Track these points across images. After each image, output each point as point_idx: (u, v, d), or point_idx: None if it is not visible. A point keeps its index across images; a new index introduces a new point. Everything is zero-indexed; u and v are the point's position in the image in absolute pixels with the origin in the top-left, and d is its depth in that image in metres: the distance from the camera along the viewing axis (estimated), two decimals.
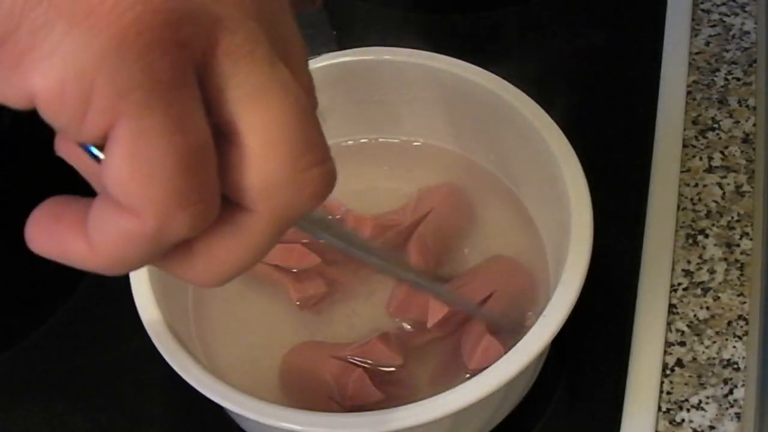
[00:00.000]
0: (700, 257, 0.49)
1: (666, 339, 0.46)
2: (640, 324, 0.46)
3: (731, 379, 0.45)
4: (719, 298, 0.48)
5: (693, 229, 0.50)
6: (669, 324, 0.47)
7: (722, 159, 0.53)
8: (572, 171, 0.42)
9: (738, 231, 0.50)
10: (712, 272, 0.49)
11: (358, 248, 0.36)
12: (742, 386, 0.44)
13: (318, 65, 0.47)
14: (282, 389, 0.42)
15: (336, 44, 0.61)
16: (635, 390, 0.44)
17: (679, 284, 0.48)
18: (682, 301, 0.48)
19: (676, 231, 0.50)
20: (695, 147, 0.54)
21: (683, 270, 0.49)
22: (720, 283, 0.48)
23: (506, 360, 0.36)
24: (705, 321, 0.47)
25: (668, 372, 0.45)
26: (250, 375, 0.43)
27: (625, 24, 0.62)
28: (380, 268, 0.38)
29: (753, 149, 0.54)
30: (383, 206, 0.48)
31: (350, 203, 0.47)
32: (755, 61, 0.58)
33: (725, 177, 0.52)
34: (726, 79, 0.57)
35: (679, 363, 0.45)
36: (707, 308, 0.47)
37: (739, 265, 0.49)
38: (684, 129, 0.55)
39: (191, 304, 0.44)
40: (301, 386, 0.42)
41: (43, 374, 0.48)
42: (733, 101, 0.56)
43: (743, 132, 0.55)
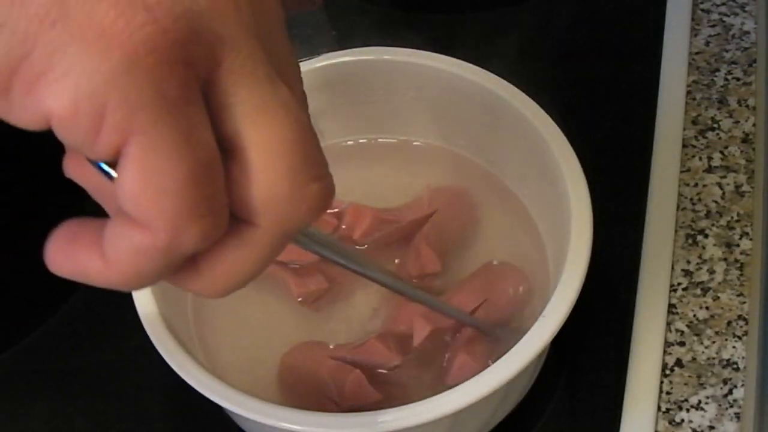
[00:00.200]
0: (700, 257, 0.49)
1: (666, 339, 0.46)
2: (640, 324, 0.46)
3: (731, 379, 0.45)
4: (719, 298, 0.48)
5: (693, 229, 0.50)
6: (669, 324, 0.47)
7: (722, 159, 0.53)
8: (572, 171, 0.42)
9: (738, 231, 0.50)
10: (712, 272, 0.49)
11: (353, 261, 0.37)
12: (742, 386, 0.44)
13: (318, 65, 0.47)
14: (281, 389, 0.42)
15: (336, 44, 0.61)
16: (635, 390, 0.44)
17: (679, 284, 0.48)
18: (682, 301, 0.48)
19: (676, 231, 0.50)
20: (695, 147, 0.54)
21: (683, 270, 0.49)
22: (720, 283, 0.48)
23: (506, 360, 0.36)
24: (705, 321, 0.47)
25: (668, 372, 0.45)
26: (250, 375, 0.43)
27: (625, 24, 0.62)
28: (373, 279, 0.39)
29: (753, 149, 0.54)
30: (382, 206, 0.48)
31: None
32: (755, 61, 0.58)
33: (725, 177, 0.52)
34: (726, 79, 0.57)
35: (679, 363, 0.45)
36: (707, 308, 0.47)
37: (739, 265, 0.49)
38: (684, 129, 0.55)
39: (191, 304, 0.44)
40: (300, 386, 0.42)
41: (43, 374, 0.48)
42: (733, 101, 0.56)
43: (743, 132, 0.55)
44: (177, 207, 0.21)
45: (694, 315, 0.47)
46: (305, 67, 0.47)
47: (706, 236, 0.50)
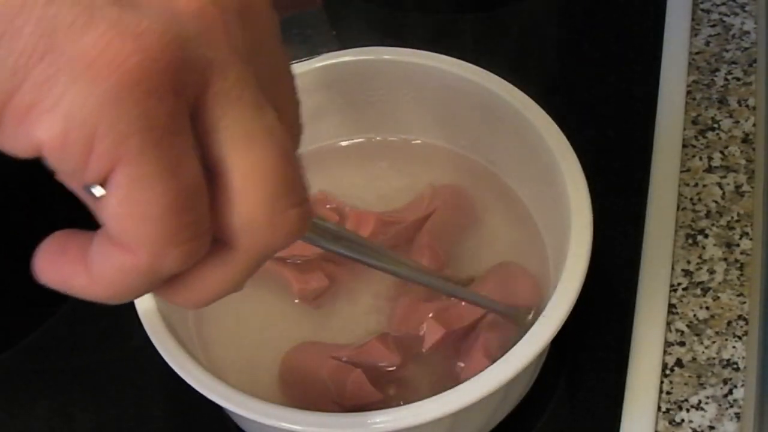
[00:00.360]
0: (700, 257, 0.49)
1: (666, 339, 0.46)
2: (640, 324, 0.46)
3: (731, 379, 0.45)
4: (719, 298, 0.48)
5: (693, 229, 0.50)
6: (669, 324, 0.47)
7: (722, 159, 0.53)
8: (572, 171, 0.42)
9: (738, 231, 0.50)
10: (712, 272, 0.49)
11: (367, 254, 0.37)
12: (742, 386, 0.44)
13: (318, 65, 0.47)
14: (281, 389, 0.42)
15: (336, 44, 0.61)
16: (635, 390, 0.44)
17: (679, 284, 0.48)
18: (682, 301, 0.48)
19: (676, 231, 0.50)
20: (695, 147, 0.54)
21: (683, 270, 0.49)
22: (720, 283, 0.48)
23: (506, 360, 0.36)
24: (705, 321, 0.47)
25: (668, 372, 0.45)
26: (250, 375, 0.43)
27: (625, 24, 0.62)
28: (390, 272, 0.39)
29: (753, 149, 0.54)
30: (383, 206, 0.48)
31: (350, 202, 0.48)
32: (755, 61, 0.58)
33: (725, 177, 0.52)
34: (726, 79, 0.57)
35: (679, 363, 0.45)
36: (707, 308, 0.47)
37: (739, 265, 0.49)
38: (684, 129, 0.55)
39: None
40: (300, 386, 0.42)
41: (43, 374, 0.48)
42: (733, 101, 0.56)
43: (743, 132, 0.55)
44: (160, 233, 0.22)
45: (694, 315, 0.47)
46: (305, 67, 0.47)
47: (706, 236, 0.50)
